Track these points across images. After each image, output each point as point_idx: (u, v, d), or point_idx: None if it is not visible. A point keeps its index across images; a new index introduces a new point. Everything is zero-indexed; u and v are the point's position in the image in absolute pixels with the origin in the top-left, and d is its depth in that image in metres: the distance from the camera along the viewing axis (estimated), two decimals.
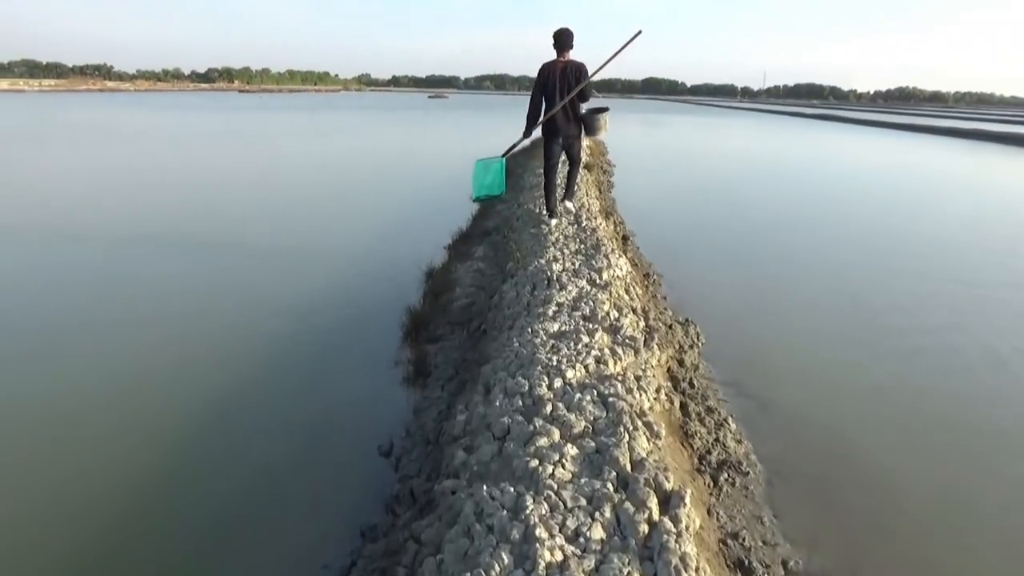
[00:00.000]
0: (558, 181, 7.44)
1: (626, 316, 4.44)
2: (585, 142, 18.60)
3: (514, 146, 6.92)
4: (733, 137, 35.61)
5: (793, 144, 31.84)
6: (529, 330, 4.09)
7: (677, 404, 3.64)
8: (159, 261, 7.63)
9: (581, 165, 10.67)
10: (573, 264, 5.50)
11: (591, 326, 4.11)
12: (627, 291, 5.18)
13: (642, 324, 4.56)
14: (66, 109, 45.40)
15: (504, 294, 5.16)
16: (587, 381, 3.40)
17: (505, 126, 28.67)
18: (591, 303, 4.55)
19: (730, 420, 3.85)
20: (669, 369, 4.32)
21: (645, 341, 4.18)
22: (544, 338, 3.94)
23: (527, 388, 3.33)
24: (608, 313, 4.40)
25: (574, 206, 7.62)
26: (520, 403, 3.20)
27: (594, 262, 5.51)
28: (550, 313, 4.36)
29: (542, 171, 7.12)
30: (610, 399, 3.16)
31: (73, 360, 4.95)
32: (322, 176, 15.74)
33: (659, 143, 30.34)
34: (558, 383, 3.34)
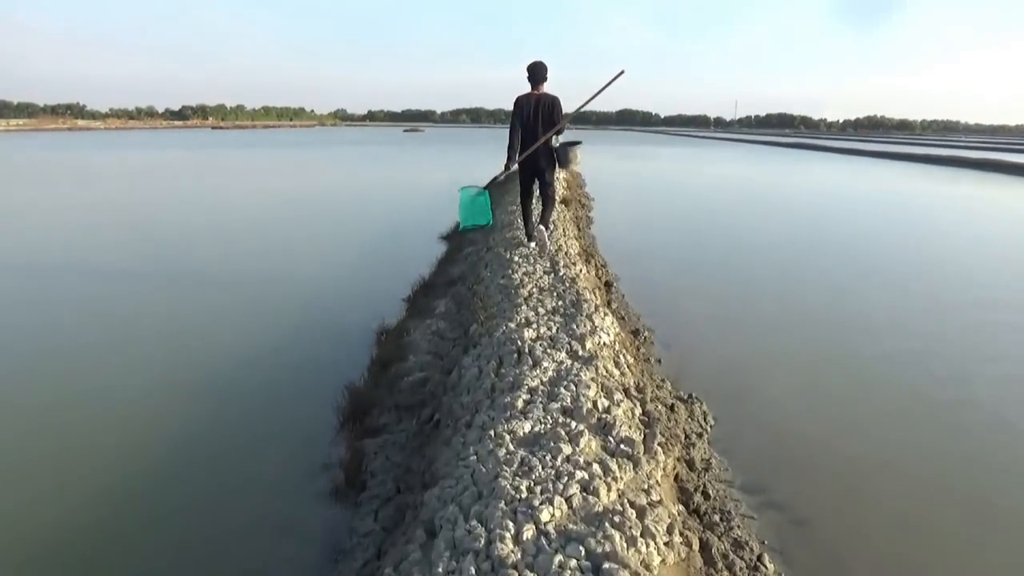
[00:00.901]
0: (534, 213, 7.33)
1: (618, 405, 3.43)
2: (560, 175, 17.90)
3: (496, 178, 6.91)
4: (714, 168, 35.10)
5: (776, 173, 31.22)
6: (492, 433, 3.06)
7: (696, 544, 2.62)
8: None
9: (557, 200, 10.15)
10: (549, 328, 4.49)
11: (574, 426, 3.09)
12: (616, 362, 4.19)
13: (638, 412, 3.56)
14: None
15: (464, 370, 4.14)
16: (570, 527, 2.37)
17: (478, 161, 28.02)
18: (573, 386, 3.54)
19: (765, 557, 2.83)
20: (677, 476, 3.31)
21: (645, 441, 3.17)
22: (511, 448, 2.91)
23: (483, 541, 2.30)
24: (595, 403, 3.39)
25: (551, 244, 7.12)
26: (473, 570, 2.17)
27: (575, 325, 4.51)
28: (520, 404, 3.34)
29: (517, 203, 7.58)
30: (605, 566, 2.13)
31: None
32: (279, 218, 14.67)
33: (639, 176, 29.61)
34: (528, 532, 2.31)
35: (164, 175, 25.20)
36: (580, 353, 4.08)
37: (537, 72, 6.46)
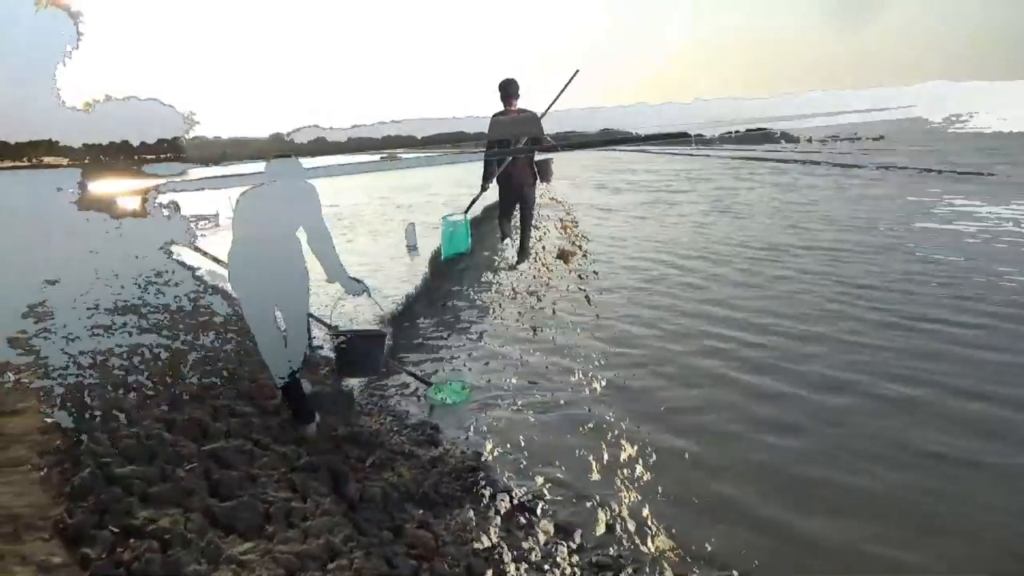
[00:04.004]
0: (512, 228, 7.42)
1: None
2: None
3: (474, 200, 6.94)
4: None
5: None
6: None
7: None
8: None
9: (535, 216, 8.63)
10: None
11: None
12: None
13: None
14: None
15: None
16: None
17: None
18: None
19: None
20: None
21: None
22: None
23: None
24: None
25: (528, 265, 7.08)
26: None
27: None
28: None
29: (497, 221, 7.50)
30: None
31: None
32: None
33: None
34: None
35: None
36: None
37: (510, 89, 6.53)
